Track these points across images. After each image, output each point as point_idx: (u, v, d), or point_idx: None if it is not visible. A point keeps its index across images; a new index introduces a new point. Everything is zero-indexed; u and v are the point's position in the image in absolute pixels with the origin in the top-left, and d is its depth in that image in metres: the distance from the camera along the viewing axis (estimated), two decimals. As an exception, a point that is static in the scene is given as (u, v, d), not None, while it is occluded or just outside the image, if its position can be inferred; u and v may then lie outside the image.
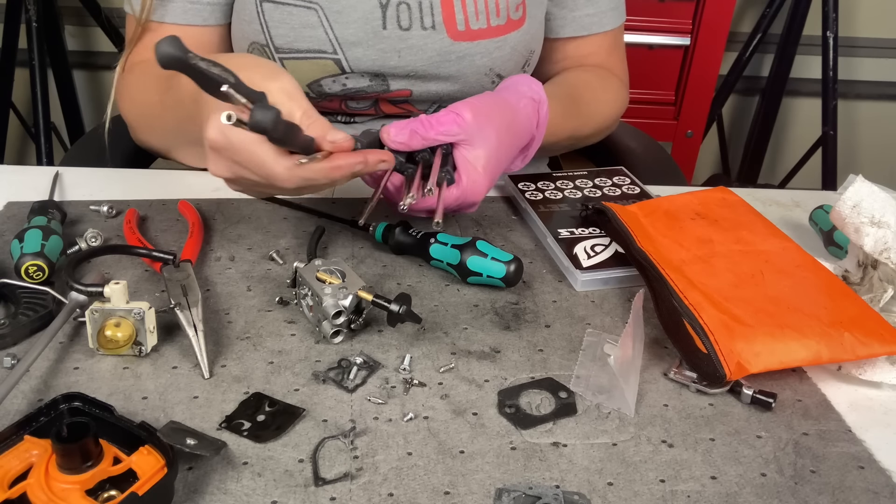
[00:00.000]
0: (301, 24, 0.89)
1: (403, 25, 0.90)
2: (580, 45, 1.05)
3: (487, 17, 0.92)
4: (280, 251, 0.80)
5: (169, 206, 0.87)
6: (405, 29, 0.90)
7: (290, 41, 0.90)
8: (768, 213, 0.83)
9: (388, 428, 0.59)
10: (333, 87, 0.93)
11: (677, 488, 0.56)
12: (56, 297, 0.68)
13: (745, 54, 2.25)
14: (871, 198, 0.73)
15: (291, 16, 0.89)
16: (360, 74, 0.92)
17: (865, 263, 0.74)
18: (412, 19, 0.90)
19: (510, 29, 0.94)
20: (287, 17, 0.89)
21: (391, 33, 0.90)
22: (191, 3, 0.91)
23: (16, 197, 0.86)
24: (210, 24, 0.93)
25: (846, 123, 2.51)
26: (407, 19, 0.90)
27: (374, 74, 0.93)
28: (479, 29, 0.92)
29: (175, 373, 0.64)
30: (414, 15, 0.90)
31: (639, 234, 0.77)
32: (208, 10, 0.92)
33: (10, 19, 2.02)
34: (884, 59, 2.50)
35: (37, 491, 0.49)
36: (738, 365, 0.63)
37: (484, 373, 0.66)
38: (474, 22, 0.92)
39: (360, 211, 0.77)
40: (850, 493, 0.56)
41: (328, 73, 0.92)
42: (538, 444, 0.59)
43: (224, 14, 0.94)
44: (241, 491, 0.54)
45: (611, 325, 0.72)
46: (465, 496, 0.54)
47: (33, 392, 0.61)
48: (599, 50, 1.06)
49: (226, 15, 0.95)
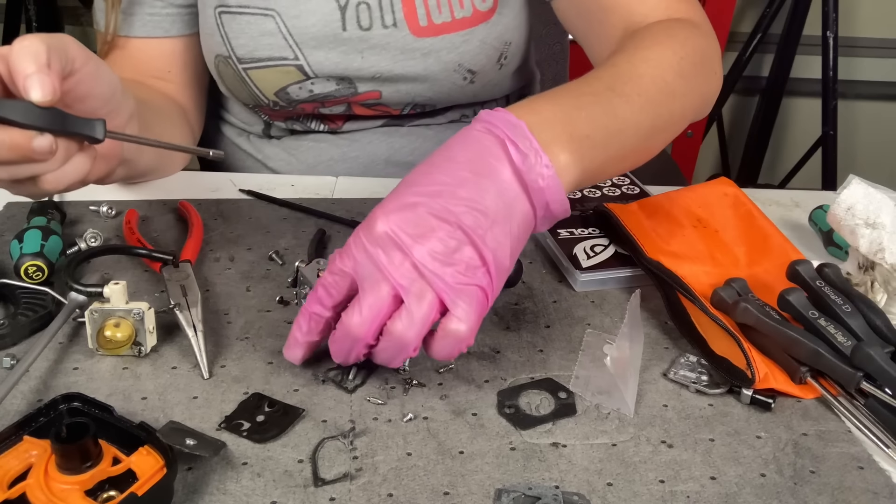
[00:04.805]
0: (259, 32, 0.88)
1: (364, 25, 0.89)
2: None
3: (451, 9, 0.89)
4: (280, 251, 0.80)
5: (169, 206, 0.87)
6: (366, 29, 0.89)
7: (250, 50, 0.89)
8: (768, 214, 0.82)
9: (388, 428, 0.59)
10: (300, 94, 0.92)
11: (677, 489, 0.56)
12: (55, 297, 0.68)
13: (745, 54, 2.25)
14: (866, 199, 0.73)
15: (249, 24, 0.88)
16: (325, 79, 0.91)
17: (865, 266, 0.74)
18: (372, 18, 0.89)
19: (478, 21, 0.91)
20: (245, 27, 0.88)
21: (352, 34, 0.89)
22: (150, 15, 0.91)
23: (15, 197, 0.86)
24: (173, 35, 0.93)
25: (846, 123, 2.51)
26: (367, 19, 0.88)
27: (339, 78, 0.92)
28: (443, 23, 0.90)
29: (174, 373, 0.64)
30: (374, 14, 0.89)
31: (645, 243, 0.77)
32: (168, 20, 0.92)
33: (10, 19, 2.02)
34: (884, 59, 2.50)
35: (36, 491, 0.49)
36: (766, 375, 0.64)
37: (483, 373, 0.66)
38: (437, 16, 0.89)
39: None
40: (849, 494, 0.56)
41: (293, 79, 0.91)
42: (538, 444, 0.59)
43: (186, 24, 0.93)
44: (241, 491, 0.54)
45: (610, 326, 0.72)
46: (464, 496, 0.54)
47: (33, 392, 0.61)
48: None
49: (189, 25, 0.94)
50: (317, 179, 0.96)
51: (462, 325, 0.56)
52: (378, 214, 0.57)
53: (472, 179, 0.57)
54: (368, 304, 0.56)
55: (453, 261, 0.56)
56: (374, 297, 0.56)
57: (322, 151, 1.01)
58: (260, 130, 1.04)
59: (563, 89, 0.67)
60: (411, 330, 0.56)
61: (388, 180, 0.96)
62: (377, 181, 0.96)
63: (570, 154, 0.61)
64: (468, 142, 0.60)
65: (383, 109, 0.97)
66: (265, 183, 0.93)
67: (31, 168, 0.61)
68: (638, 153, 0.70)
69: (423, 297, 0.56)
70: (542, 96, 0.65)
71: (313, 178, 0.96)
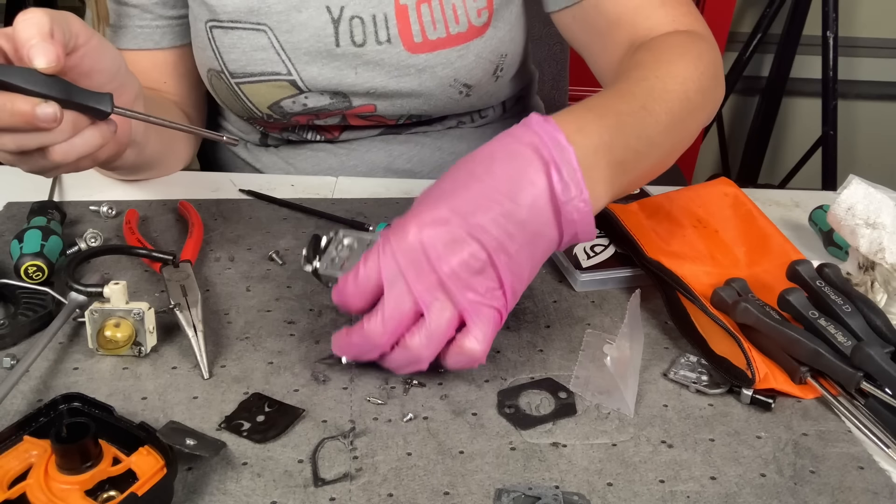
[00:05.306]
0: (251, 46, 0.87)
1: (357, 41, 0.87)
2: (617, 1, 0.83)
3: (446, 25, 0.88)
4: (280, 251, 0.80)
5: (169, 206, 0.87)
6: (359, 45, 0.87)
7: (242, 65, 0.89)
8: (768, 214, 0.82)
9: (388, 428, 0.59)
10: (294, 108, 0.92)
11: (677, 489, 0.56)
12: (56, 297, 0.68)
13: (745, 54, 2.25)
14: (866, 199, 0.73)
15: (242, 39, 0.87)
16: (319, 93, 0.91)
17: (865, 266, 0.74)
18: (366, 34, 0.87)
19: (473, 36, 0.89)
20: (237, 41, 0.87)
21: (345, 50, 0.88)
22: (140, 28, 0.90)
23: (16, 197, 0.86)
24: (164, 46, 0.92)
25: (846, 123, 2.51)
26: (361, 34, 0.87)
27: (333, 92, 0.91)
28: (438, 39, 0.88)
29: (174, 373, 0.64)
30: (368, 30, 0.87)
31: (645, 243, 0.77)
32: (159, 32, 0.91)
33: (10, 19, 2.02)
34: (884, 59, 2.50)
35: (36, 491, 0.49)
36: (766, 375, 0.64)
37: (483, 373, 0.65)
38: (431, 32, 0.88)
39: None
40: (849, 494, 0.56)
41: (286, 94, 0.90)
42: (538, 444, 0.59)
43: (178, 35, 0.93)
44: (241, 491, 0.54)
45: (610, 326, 0.72)
46: (464, 496, 0.54)
47: (33, 392, 0.61)
48: (644, 2, 0.82)
49: (180, 36, 0.93)
50: (317, 179, 0.96)
51: (478, 345, 0.58)
52: (411, 224, 0.57)
53: (508, 202, 0.58)
54: (390, 313, 0.57)
55: (476, 281, 0.57)
56: (397, 308, 0.57)
57: (320, 160, 1.01)
58: (257, 139, 1.03)
59: (604, 103, 0.66)
60: (428, 347, 0.58)
61: (389, 180, 0.96)
62: (377, 181, 0.96)
63: (605, 184, 0.62)
64: (511, 157, 0.59)
65: (379, 120, 0.96)
66: (265, 183, 0.93)
67: (37, 138, 0.61)
68: (654, 171, 0.71)
69: (443, 314, 0.57)
70: (588, 109, 0.64)
71: (313, 178, 0.96)
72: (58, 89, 0.59)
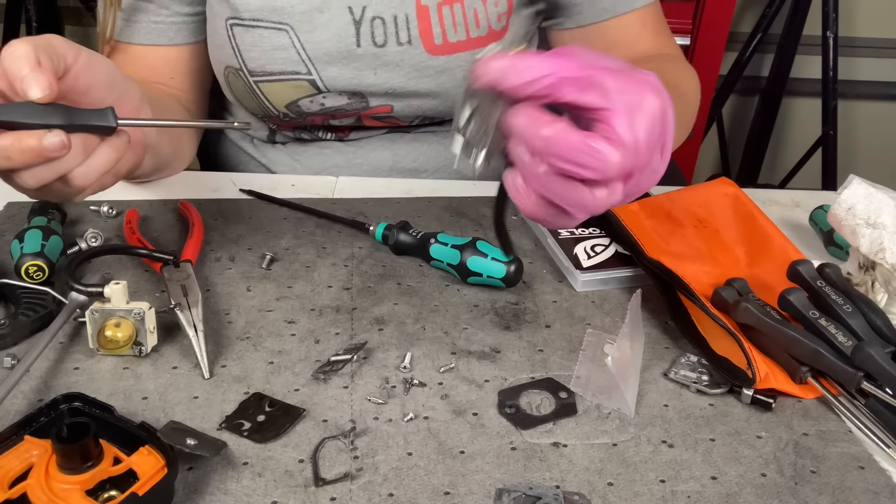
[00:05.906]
0: (272, 46, 0.88)
1: (378, 42, 0.88)
2: (620, 27, 0.92)
3: (467, 29, 0.89)
4: (273, 257, 0.79)
5: (169, 206, 0.87)
6: (380, 46, 0.88)
7: (262, 64, 0.89)
8: (768, 214, 0.82)
9: (388, 428, 0.59)
10: (312, 107, 0.92)
11: (677, 488, 0.56)
12: (56, 297, 0.68)
13: (745, 54, 2.25)
14: (866, 199, 0.73)
15: (262, 38, 0.87)
16: (337, 93, 0.91)
17: (866, 266, 0.74)
18: (387, 35, 0.88)
19: (491, 40, 0.91)
20: (258, 40, 0.88)
21: (366, 51, 0.88)
22: (154, 23, 0.90)
23: (16, 197, 0.85)
24: (177, 43, 0.92)
25: (846, 123, 2.51)
26: (382, 35, 0.88)
27: (351, 93, 0.91)
28: (458, 41, 0.90)
29: (175, 373, 0.64)
30: (389, 30, 0.88)
31: (646, 243, 0.77)
32: (174, 29, 0.91)
33: (10, 19, 2.02)
34: (884, 59, 2.50)
35: (37, 491, 0.49)
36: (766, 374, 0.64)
37: (484, 373, 0.66)
38: (452, 35, 0.89)
39: None
40: (850, 494, 0.56)
41: (304, 93, 0.91)
42: (538, 444, 0.59)
43: (192, 32, 0.93)
44: (242, 491, 0.54)
45: (611, 326, 0.72)
46: (465, 496, 0.54)
47: (33, 392, 0.61)
48: (643, 31, 0.92)
49: (194, 33, 0.93)
50: (317, 179, 0.96)
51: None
52: (652, 90, 0.52)
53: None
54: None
55: None
56: None
57: (326, 158, 1.01)
58: (265, 136, 1.04)
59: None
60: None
61: (390, 180, 0.96)
62: (378, 181, 0.96)
63: None
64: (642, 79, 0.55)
65: (393, 122, 0.97)
66: (266, 183, 0.93)
67: (53, 168, 0.60)
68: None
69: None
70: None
71: (314, 178, 0.96)
72: (59, 116, 0.59)
